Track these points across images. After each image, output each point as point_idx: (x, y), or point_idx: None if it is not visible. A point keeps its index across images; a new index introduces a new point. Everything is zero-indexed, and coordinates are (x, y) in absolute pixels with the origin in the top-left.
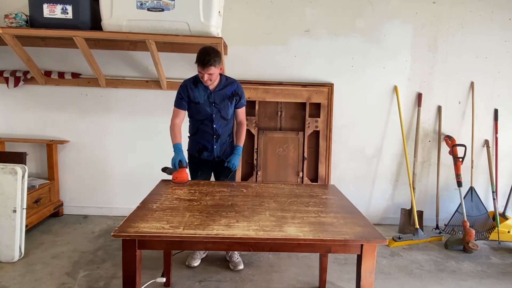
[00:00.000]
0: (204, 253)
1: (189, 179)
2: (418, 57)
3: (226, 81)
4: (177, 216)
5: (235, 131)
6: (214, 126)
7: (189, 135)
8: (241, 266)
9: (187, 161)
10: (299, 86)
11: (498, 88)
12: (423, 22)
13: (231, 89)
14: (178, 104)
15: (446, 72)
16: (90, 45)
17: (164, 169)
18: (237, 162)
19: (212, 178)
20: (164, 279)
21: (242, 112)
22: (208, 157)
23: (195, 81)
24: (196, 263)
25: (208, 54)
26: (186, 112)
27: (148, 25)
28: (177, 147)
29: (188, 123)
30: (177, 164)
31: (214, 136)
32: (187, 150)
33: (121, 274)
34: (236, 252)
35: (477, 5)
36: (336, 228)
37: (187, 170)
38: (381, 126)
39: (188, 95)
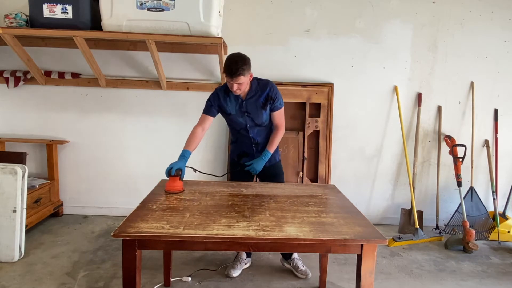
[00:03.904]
0: (246, 263)
1: (183, 189)
2: (418, 57)
3: (258, 86)
4: (177, 216)
5: (271, 135)
6: (251, 135)
7: (232, 141)
8: (310, 274)
9: (183, 170)
10: (299, 86)
11: (498, 88)
12: (423, 22)
13: (264, 94)
14: (207, 110)
15: (446, 72)
16: (90, 45)
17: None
18: (259, 167)
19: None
20: (189, 278)
21: (278, 115)
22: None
23: (226, 89)
24: (236, 273)
25: (236, 63)
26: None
27: (148, 25)
28: (182, 154)
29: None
30: (173, 172)
31: (253, 145)
32: (229, 154)
33: (121, 274)
34: (296, 257)
35: (477, 5)
36: (336, 228)
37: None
38: (381, 126)
39: (219, 105)
